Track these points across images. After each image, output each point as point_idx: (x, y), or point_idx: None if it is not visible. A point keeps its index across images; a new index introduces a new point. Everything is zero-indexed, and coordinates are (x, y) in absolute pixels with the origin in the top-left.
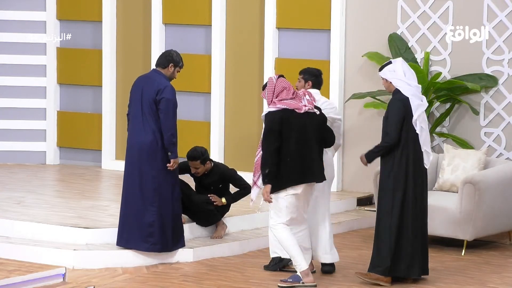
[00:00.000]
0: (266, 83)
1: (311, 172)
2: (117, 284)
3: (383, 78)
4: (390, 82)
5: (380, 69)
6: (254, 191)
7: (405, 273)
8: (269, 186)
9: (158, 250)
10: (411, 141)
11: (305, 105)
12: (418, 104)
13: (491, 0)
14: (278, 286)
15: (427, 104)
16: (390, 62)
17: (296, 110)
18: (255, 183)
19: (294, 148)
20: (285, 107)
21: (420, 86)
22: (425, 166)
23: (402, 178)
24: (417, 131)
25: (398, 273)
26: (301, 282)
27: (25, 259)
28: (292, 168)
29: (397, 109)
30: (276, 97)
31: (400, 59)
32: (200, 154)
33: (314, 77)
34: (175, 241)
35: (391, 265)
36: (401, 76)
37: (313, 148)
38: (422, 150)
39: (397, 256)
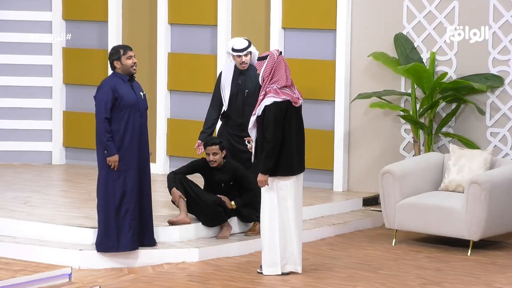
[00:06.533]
0: (263, 56)
1: (303, 162)
2: (122, 284)
3: None
4: None
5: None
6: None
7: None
8: (267, 176)
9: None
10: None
11: (298, 98)
12: None
13: (497, 0)
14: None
15: None
16: None
17: (293, 104)
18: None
19: (293, 139)
20: (288, 98)
21: None
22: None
23: None
24: None
25: None
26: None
27: (31, 259)
28: (291, 158)
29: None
30: (272, 77)
31: None
32: (219, 140)
33: None
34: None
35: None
36: None
37: (303, 138)
38: None
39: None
